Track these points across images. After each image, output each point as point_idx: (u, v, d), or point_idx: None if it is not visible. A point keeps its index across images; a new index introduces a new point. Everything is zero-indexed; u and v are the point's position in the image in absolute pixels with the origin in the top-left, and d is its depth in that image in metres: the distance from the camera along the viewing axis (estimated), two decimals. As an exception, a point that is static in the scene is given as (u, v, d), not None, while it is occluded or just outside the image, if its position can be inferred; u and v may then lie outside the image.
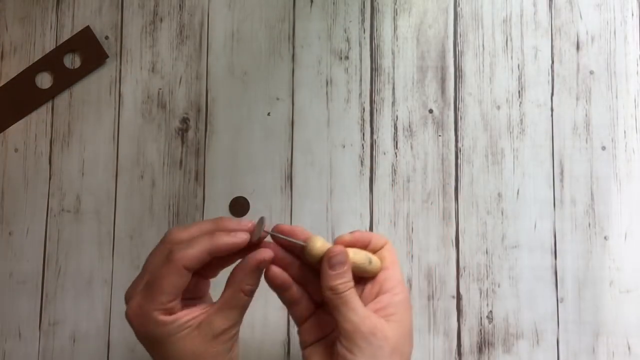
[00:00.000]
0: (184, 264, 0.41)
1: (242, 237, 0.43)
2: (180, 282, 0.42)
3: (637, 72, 0.82)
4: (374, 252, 0.50)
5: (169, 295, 0.41)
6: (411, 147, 0.83)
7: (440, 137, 0.83)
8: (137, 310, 0.42)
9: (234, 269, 0.46)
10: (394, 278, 0.47)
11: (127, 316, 0.44)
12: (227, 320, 0.43)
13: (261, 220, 0.45)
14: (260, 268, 0.45)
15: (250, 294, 0.45)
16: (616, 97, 0.82)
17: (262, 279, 0.49)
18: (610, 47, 0.83)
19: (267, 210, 0.82)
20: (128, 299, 0.45)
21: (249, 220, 0.46)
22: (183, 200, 0.83)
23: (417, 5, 0.85)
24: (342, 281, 0.44)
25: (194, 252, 0.42)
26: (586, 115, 0.82)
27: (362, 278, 0.49)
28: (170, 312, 0.42)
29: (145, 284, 0.43)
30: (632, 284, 0.79)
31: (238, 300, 0.44)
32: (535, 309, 0.79)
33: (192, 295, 0.46)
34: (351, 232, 0.50)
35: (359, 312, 0.43)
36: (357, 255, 0.49)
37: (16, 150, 0.84)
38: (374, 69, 0.84)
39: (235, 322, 0.44)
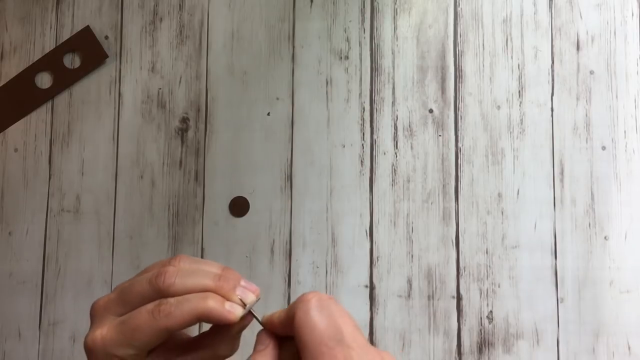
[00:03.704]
0: (168, 325, 0.36)
1: (236, 314, 0.37)
2: (156, 341, 0.37)
3: (637, 72, 0.82)
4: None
5: (138, 350, 0.37)
6: (411, 147, 0.83)
7: (440, 137, 0.83)
8: (99, 344, 0.37)
9: (208, 334, 0.40)
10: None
11: (86, 343, 0.38)
12: None
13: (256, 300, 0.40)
14: (240, 331, 0.41)
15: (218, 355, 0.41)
16: (616, 97, 0.82)
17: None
18: (610, 47, 0.83)
19: (267, 210, 0.82)
20: (95, 317, 0.40)
21: (255, 286, 0.40)
22: (183, 200, 0.83)
23: (417, 5, 0.85)
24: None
25: (182, 314, 0.36)
26: (586, 115, 0.82)
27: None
28: None
29: (119, 322, 0.38)
30: (632, 284, 0.79)
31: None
32: (535, 309, 0.79)
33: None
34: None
35: None
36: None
37: (16, 150, 0.84)
38: (374, 69, 0.84)
39: None
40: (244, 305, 0.38)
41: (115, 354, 0.37)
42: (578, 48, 0.83)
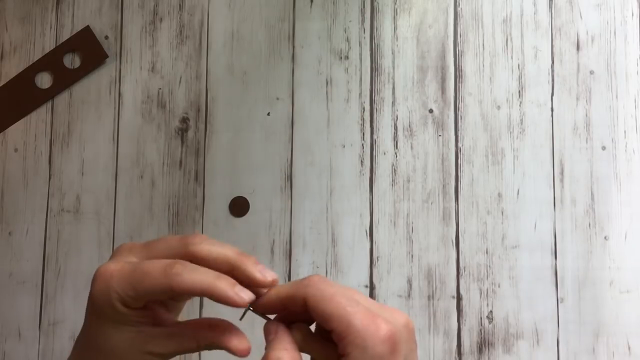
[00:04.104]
0: (174, 284, 0.36)
1: (244, 299, 0.37)
2: (157, 294, 0.37)
3: (637, 72, 0.82)
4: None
5: (137, 296, 0.37)
6: (411, 147, 0.83)
7: (440, 137, 0.83)
8: (107, 275, 0.38)
9: (208, 321, 0.40)
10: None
11: (97, 270, 0.39)
12: (164, 349, 0.39)
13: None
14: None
15: (202, 349, 0.41)
16: (616, 97, 0.82)
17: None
18: (610, 47, 0.83)
19: (267, 210, 0.82)
20: (117, 254, 0.40)
21: (274, 273, 0.39)
22: (183, 200, 0.83)
23: (417, 5, 0.85)
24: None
25: (191, 281, 0.37)
26: (586, 115, 0.82)
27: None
28: (126, 304, 0.38)
29: (135, 264, 0.38)
30: (632, 284, 0.79)
31: (187, 345, 0.40)
32: (535, 309, 0.79)
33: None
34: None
35: None
36: None
37: (16, 150, 0.84)
38: (374, 69, 0.84)
39: (173, 355, 0.40)
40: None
41: (117, 290, 0.37)
42: (578, 48, 0.83)
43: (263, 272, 0.38)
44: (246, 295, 0.37)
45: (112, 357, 0.39)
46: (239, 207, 0.82)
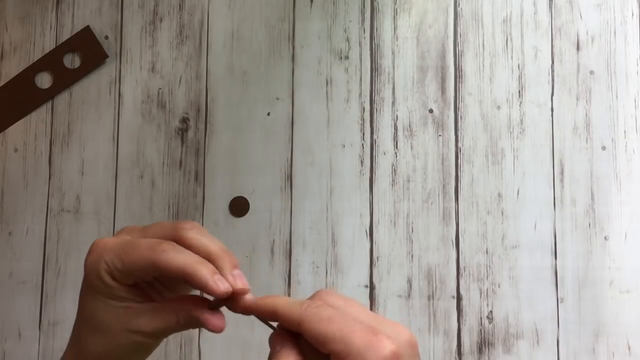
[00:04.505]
0: (157, 260, 0.37)
1: (221, 289, 0.37)
2: (141, 268, 0.38)
3: (637, 72, 0.82)
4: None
5: (124, 268, 0.38)
6: (411, 147, 0.83)
7: (440, 137, 0.83)
8: (101, 246, 0.39)
9: (189, 297, 0.40)
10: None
11: (93, 242, 0.41)
12: (148, 325, 0.40)
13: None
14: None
15: (184, 328, 0.41)
16: (616, 97, 0.82)
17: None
18: (610, 47, 0.83)
19: (267, 210, 0.82)
20: (117, 233, 0.42)
21: (247, 283, 0.38)
22: (183, 200, 0.83)
23: (417, 5, 0.85)
24: None
25: (175, 260, 0.37)
26: (586, 115, 0.82)
27: None
28: (115, 277, 0.39)
29: (127, 239, 0.40)
30: (632, 284, 0.79)
31: (168, 321, 0.40)
32: (535, 309, 0.79)
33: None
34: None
35: None
36: None
37: (16, 150, 0.84)
38: (374, 69, 0.84)
39: (157, 333, 0.40)
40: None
41: (106, 261, 0.39)
42: (578, 48, 0.83)
43: (235, 278, 0.38)
44: (223, 286, 0.37)
45: (100, 334, 0.40)
46: (239, 207, 0.82)
